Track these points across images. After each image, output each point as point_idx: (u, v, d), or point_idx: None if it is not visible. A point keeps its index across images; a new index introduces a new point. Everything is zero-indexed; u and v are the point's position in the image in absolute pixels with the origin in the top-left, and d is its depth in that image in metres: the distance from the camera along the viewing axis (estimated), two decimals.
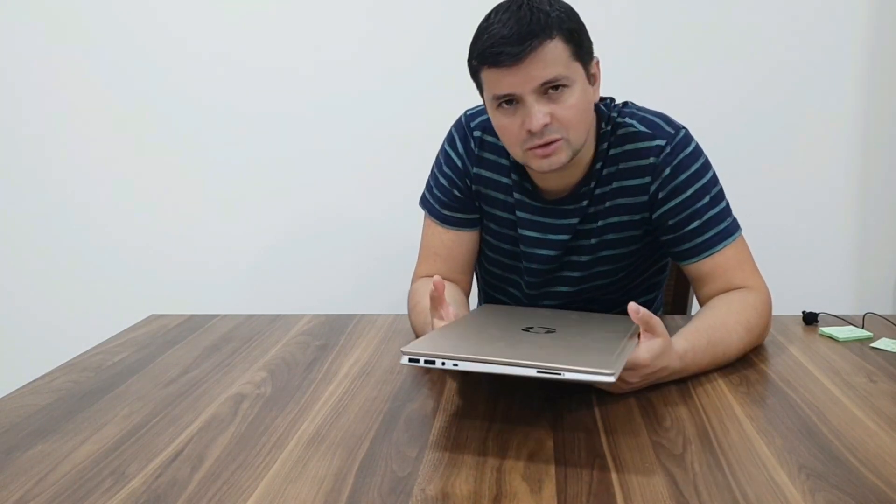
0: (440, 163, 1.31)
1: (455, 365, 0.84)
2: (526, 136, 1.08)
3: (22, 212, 2.14)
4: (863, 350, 1.13)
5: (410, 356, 0.85)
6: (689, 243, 1.18)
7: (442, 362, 0.84)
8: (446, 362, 0.84)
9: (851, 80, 1.96)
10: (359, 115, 2.05)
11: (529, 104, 1.06)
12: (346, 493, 0.74)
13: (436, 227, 1.31)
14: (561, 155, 1.10)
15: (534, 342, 0.94)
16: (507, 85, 1.06)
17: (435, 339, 0.93)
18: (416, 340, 0.91)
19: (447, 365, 0.84)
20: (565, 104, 1.07)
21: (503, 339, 0.95)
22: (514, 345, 0.93)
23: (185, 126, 2.07)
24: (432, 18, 1.98)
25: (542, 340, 0.95)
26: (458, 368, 0.84)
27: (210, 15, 2.02)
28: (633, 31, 1.95)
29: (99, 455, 0.84)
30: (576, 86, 1.08)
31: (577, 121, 1.09)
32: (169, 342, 1.25)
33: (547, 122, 1.06)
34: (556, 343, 0.94)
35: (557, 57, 1.05)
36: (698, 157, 1.18)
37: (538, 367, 0.82)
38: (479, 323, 1.05)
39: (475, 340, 0.95)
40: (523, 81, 1.05)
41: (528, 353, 0.87)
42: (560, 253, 1.25)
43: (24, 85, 2.07)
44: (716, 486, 0.74)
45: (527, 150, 1.10)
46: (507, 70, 1.04)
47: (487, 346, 0.91)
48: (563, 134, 1.08)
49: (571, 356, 0.87)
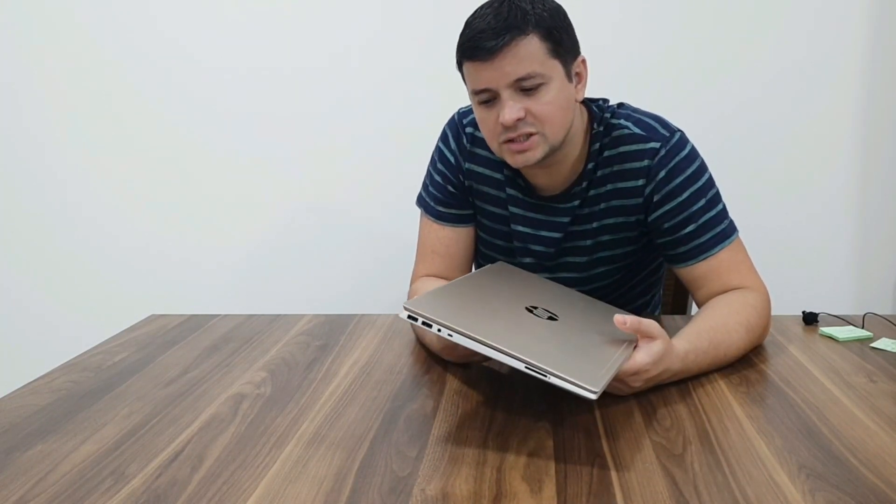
0: (434, 160, 1.32)
1: (450, 335, 0.86)
2: (501, 130, 1.09)
3: (22, 212, 2.14)
4: (863, 350, 1.13)
5: (410, 313, 0.87)
6: (685, 247, 1.17)
7: (438, 328, 0.86)
8: (442, 329, 0.86)
9: (851, 81, 1.96)
10: (358, 115, 2.05)
11: (504, 99, 1.07)
12: (346, 493, 0.74)
13: (432, 224, 1.31)
14: (536, 151, 1.10)
15: (532, 330, 0.94)
16: (483, 79, 1.07)
17: (439, 301, 0.94)
18: (421, 296, 0.93)
19: (442, 332, 0.86)
20: (541, 101, 1.08)
21: (504, 318, 0.95)
22: (513, 328, 0.93)
23: (184, 126, 2.07)
24: (431, 19, 1.99)
25: (541, 329, 0.95)
26: (452, 340, 0.86)
27: (209, 15, 2.02)
28: (633, 33, 1.95)
29: (99, 455, 0.84)
30: (552, 83, 1.08)
31: (554, 117, 1.09)
32: (169, 342, 1.25)
33: (520, 116, 1.07)
34: (554, 336, 0.94)
35: (532, 53, 1.06)
36: (694, 160, 1.18)
37: (527, 364, 0.83)
38: (487, 288, 1.05)
39: (477, 313, 0.95)
40: (498, 76, 1.06)
41: (523, 344, 0.87)
42: (554, 251, 1.25)
43: (24, 85, 2.07)
44: (716, 486, 0.74)
45: (502, 143, 1.11)
46: (483, 64, 1.06)
47: (486, 324, 0.91)
48: (539, 129, 1.09)
49: (563, 360, 0.87)
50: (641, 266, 1.31)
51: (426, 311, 0.87)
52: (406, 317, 0.87)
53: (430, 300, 0.93)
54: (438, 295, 0.96)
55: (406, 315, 0.87)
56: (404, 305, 0.87)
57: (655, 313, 1.43)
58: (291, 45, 2.02)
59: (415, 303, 0.89)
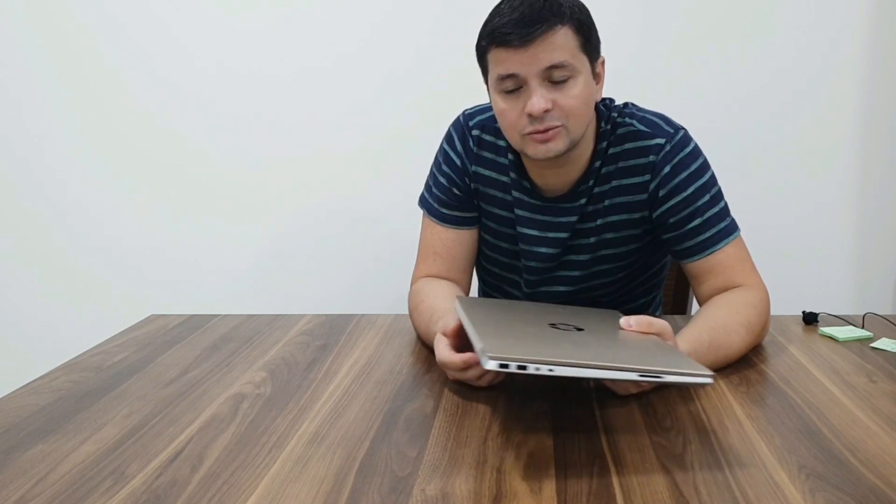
0: (439, 162, 1.31)
1: (550, 370, 0.77)
2: (526, 121, 1.08)
3: (22, 212, 2.14)
4: (863, 350, 1.13)
5: (501, 361, 0.76)
6: (691, 241, 1.18)
7: (536, 367, 0.77)
8: (541, 367, 0.77)
9: (851, 81, 1.96)
10: (358, 115, 2.05)
11: (533, 87, 1.06)
12: (346, 493, 0.74)
13: (435, 226, 1.31)
14: (559, 142, 1.10)
15: (596, 342, 0.92)
16: (512, 64, 1.06)
17: (511, 339, 0.87)
18: (491, 341, 0.82)
19: (541, 370, 0.77)
20: (569, 93, 1.07)
21: (561, 340, 0.90)
22: (582, 346, 0.88)
23: (184, 126, 2.07)
24: (431, 20, 1.99)
25: (597, 339, 0.93)
26: (553, 374, 0.78)
27: (210, 16, 2.02)
28: (634, 33, 1.95)
29: (99, 455, 0.84)
30: (580, 77, 1.08)
31: (579, 111, 1.09)
32: (169, 342, 1.25)
33: (548, 107, 1.06)
34: (614, 343, 0.92)
35: (566, 44, 1.06)
36: (697, 157, 1.19)
37: (640, 372, 0.79)
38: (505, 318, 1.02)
39: (542, 341, 0.90)
40: (530, 62, 1.05)
41: (615, 356, 0.82)
42: (559, 251, 1.25)
43: (24, 85, 2.07)
44: (716, 486, 0.74)
45: (525, 134, 1.10)
46: (515, 51, 1.05)
47: (562, 348, 0.85)
48: (564, 122, 1.09)
49: (656, 359, 0.83)
50: (643, 268, 1.31)
51: (514, 354, 0.78)
52: (497, 366, 0.76)
53: (505, 342, 0.84)
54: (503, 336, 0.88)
55: (496, 365, 0.76)
56: (488, 355, 0.76)
57: (657, 313, 1.43)
58: (293, 48, 2.02)
59: (495, 349, 0.78)
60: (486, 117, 1.26)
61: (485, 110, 1.27)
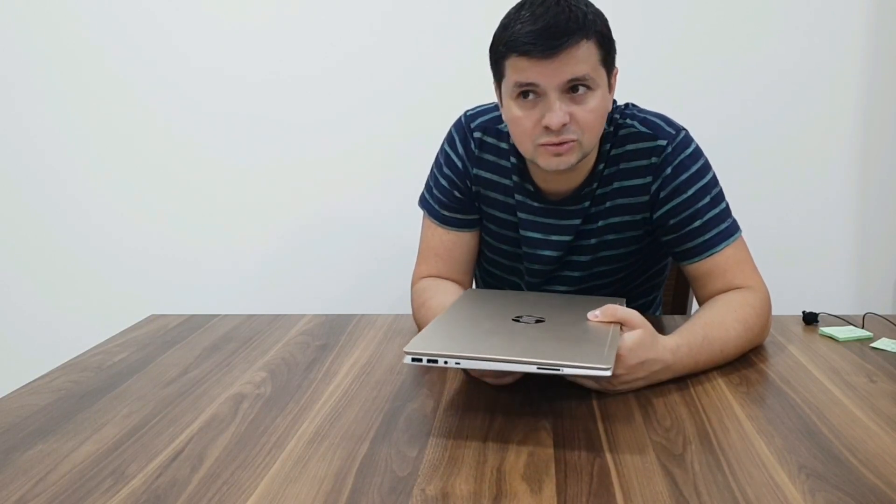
0: (440, 163, 1.31)
1: (458, 364, 0.87)
2: (541, 131, 1.08)
3: (22, 212, 2.14)
4: (863, 350, 1.13)
5: (413, 356, 0.87)
6: (691, 243, 1.18)
7: (444, 361, 0.87)
8: (449, 361, 0.87)
9: (851, 82, 1.96)
10: (358, 116, 2.05)
11: (552, 100, 1.05)
12: (346, 493, 0.74)
13: (435, 227, 1.31)
14: (571, 156, 1.09)
15: (528, 335, 0.95)
16: (533, 74, 1.05)
17: (434, 337, 0.94)
18: (416, 338, 0.92)
19: (450, 363, 0.87)
20: (586, 107, 1.07)
21: (498, 333, 0.96)
22: (511, 339, 0.94)
23: (184, 127, 2.07)
24: (432, 22, 1.99)
25: (534, 333, 0.96)
26: (461, 367, 0.87)
27: (211, 17, 2.02)
28: (635, 34, 1.95)
29: (99, 455, 0.84)
30: (598, 90, 1.08)
31: (594, 125, 1.09)
32: (169, 342, 1.25)
33: (566, 121, 1.06)
34: (548, 336, 0.95)
35: (589, 58, 1.05)
36: (699, 158, 1.18)
37: (538, 364, 0.84)
38: (470, 314, 1.05)
39: (472, 336, 0.96)
40: (552, 75, 1.04)
41: (526, 349, 0.89)
42: (562, 253, 1.25)
43: (25, 85, 2.07)
44: (716, 486, 0.74)
45: (539, 145, 1.09)
46: (537, 62, 1.04)
47: (486, 343, 0.93)
48: (579, 136, 1.08)
49: (567, 351, 0.89)
50: (643, 269, 1.31)
51: (427, 349, 0.88)
52: (410, 360, 0.87)
53: (427, 339, 0.93)
54: (431, 332, 0.96)
55: (410, 359, 0.87)
56: (405, 350, 0.87)
57: (657, 314, 1.43)
58: (294, 50, 2.02)
59: (414, 345, 0.89)
60: (488, 119, 1.26)
61: (487, 111, 1.27)
